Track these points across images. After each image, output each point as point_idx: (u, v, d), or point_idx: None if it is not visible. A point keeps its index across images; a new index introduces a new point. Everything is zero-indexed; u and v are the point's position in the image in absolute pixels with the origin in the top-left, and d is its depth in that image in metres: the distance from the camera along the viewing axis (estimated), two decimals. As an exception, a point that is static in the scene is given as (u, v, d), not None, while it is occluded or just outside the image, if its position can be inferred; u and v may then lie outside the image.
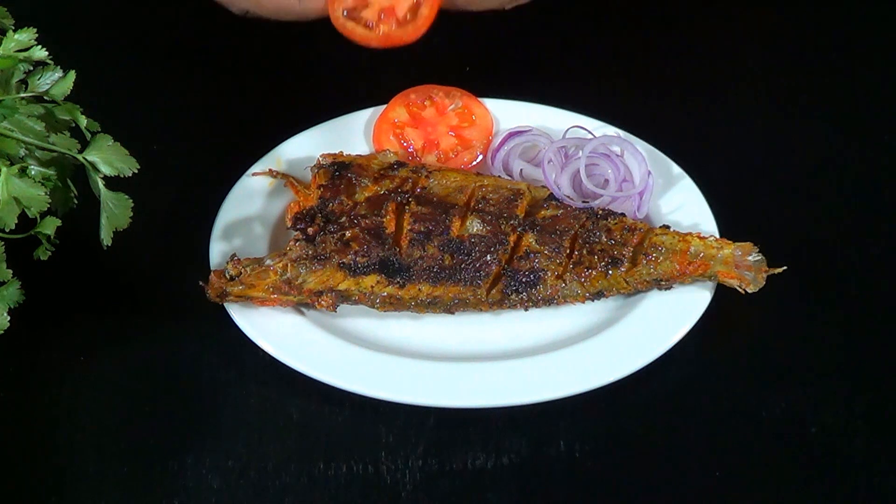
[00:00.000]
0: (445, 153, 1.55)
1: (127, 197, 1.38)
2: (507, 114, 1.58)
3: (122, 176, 1.38)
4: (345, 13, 1.50)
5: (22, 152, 1.36)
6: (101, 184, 1.37)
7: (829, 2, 1.83)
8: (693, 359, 1.38)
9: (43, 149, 1.37)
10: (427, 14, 1.48)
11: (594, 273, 1.40)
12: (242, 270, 1.38)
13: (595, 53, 1.76)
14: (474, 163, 1.55)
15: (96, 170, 1.37)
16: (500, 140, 1.54)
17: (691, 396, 1.36)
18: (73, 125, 1.40)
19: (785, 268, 1.40)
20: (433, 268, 1.40)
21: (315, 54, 1.70)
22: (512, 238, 1.42)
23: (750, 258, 1.40)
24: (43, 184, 1.34)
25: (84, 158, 1.37)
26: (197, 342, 1.40)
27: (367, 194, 1.44)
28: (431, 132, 1.55)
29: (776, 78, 1.73)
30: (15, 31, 1.37)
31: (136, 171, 1.38)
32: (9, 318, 1.33)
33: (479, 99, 1.58)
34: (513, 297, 1.40)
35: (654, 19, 1.81)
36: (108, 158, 1.38)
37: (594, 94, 1.67)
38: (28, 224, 1.35)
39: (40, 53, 1.38)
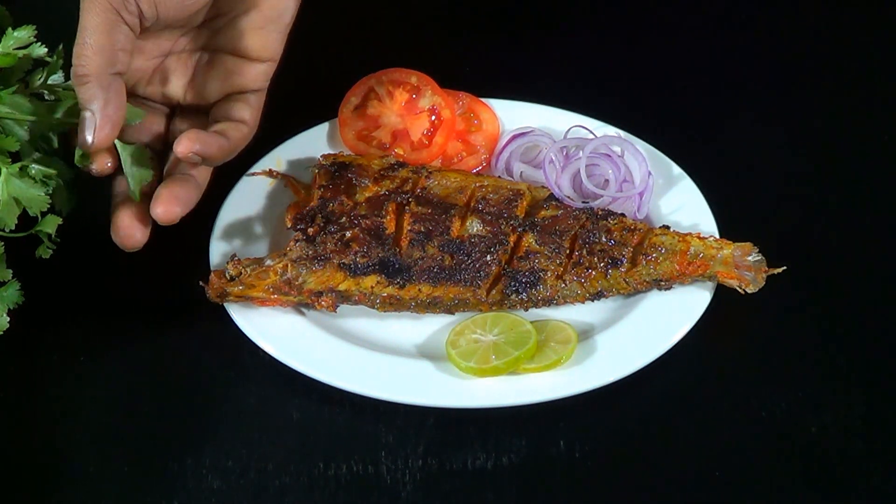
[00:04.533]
0: (450, 158, 1.55)
1: (145, 147, 1.37)
2: (508, 114, 1.58)
3: (131, 124, 1.37)
4: (355, 134, 1.56)
5: (26, 136, 1.35)
6: (116, 141, 1.36)
7: (829, 2, 1.83)
8: (693, 359, 1.38)
9: (44, 147, 1.37)
10: (441, 143, 1.51)
11: (594, 273, 1.40)
12: (242, 270, 1.38)
13: (595, 53, 1.76)
14: (478, 168, 1.55)
15: None
16: (503, 142, 1.54)
17: (691, 396, 1.36)
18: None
19: (785, 268, 1.40)
20: (433, 268, 1.40)
21: (315, 55, 1.70)
22: (512, 238, 1.42)
23: (750, 258, 1.40)
24: (44, 183, 1.34)
25: None
26: (197, 342, 1.40)
27: (367, 195, 1.45)
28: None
29: (776, 78, 1.73)
30: (14, 28, 1.37)
31: (142, 120, 1.37)
32: (8, 318, 1.33)
33: (482, 99, 1.58)
34: (513, 297, 1.40)
35: (654, 19, 1.81)
36: None
37: (594, 94, 1.67)
38: (29, 222, 1.35)
39: (40, 51, 1.37)
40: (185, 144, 1.34)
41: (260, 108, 1.44)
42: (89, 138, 1.31)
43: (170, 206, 1.34)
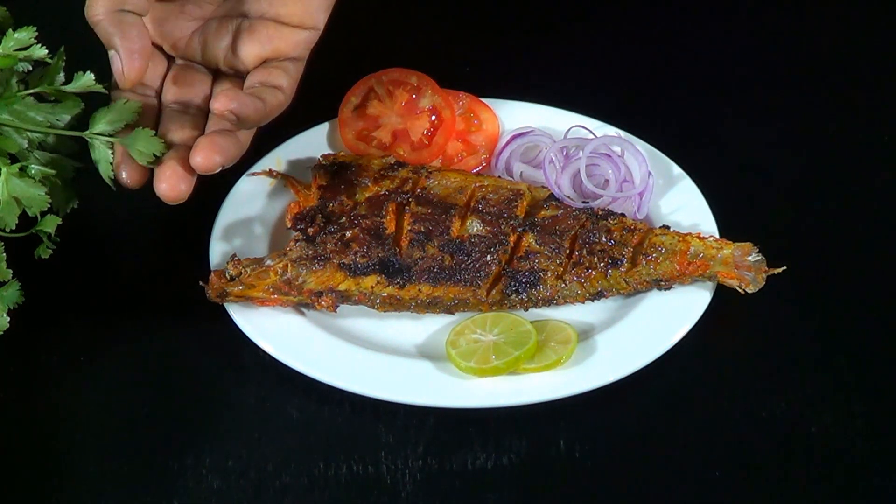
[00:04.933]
0: (450, 158, 1.55)
1: (141, 128, 1.37)
2: (508, 114, 1.58)
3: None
4: (355, 134, 1.57)
5: (25, 143, 1.35)
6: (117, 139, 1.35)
7: (828, 2, 1.83)
8: (693, 359, 1.38)
9: (44, 147, 1.37)
10: (441, 143, 1.52)
11: (594, 273, 1.40)
12: (242, 270, 1.38)
13: (595, 53, 1.76)
14: (478, 168, 1.55)
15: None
16: (503, 142, 1.54)
17: (691, 396, 1.36)
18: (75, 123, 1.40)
19: (785, 268, 1.40)
20: (433, 268, 1.40)
21: (315, 55, 1.71)
22: (512, 238, 1.42)
23: (750, 258, 1.40)
24: (43, 183, 1.34)
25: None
26: (197, 342, 1.40)
27: (367, 194, 1.45)
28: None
29: (776, 78, 1.73)
30: (14, 30, 1.37)
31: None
32: (8, 318, 1.33)
33: (482, 99, 1.58)
34: (513, 297, 1.40)
35: (654, 19, 1.82)
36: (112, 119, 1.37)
37: (594, 94, 1.67)
38: (29, 222, 1.35)
39: (40, 52, 1.37)
40: (223, 101, 1.34)
41: (297, 78, 1.44)
42: (120, 73, 1.33)
43: (210, 153, 1.34)
